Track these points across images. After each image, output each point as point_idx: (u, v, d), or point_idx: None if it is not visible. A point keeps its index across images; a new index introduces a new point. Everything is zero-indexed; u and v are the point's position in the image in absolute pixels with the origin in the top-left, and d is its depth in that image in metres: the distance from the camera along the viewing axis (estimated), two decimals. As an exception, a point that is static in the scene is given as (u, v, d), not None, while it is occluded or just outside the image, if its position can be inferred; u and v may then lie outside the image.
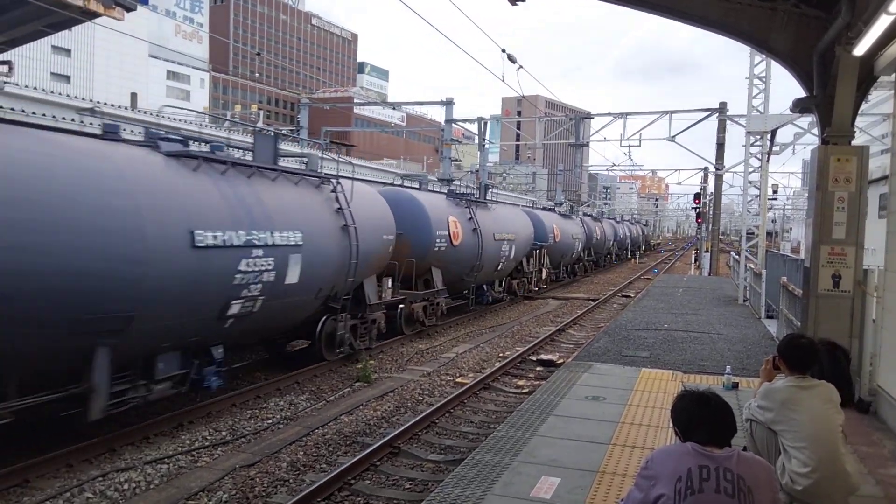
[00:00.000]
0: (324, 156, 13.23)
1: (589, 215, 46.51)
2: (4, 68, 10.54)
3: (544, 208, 35.62)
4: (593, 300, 26.02)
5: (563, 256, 31.83)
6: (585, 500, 5.37)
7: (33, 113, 15.11)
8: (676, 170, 47.51)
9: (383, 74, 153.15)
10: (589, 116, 33.15)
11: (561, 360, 13.94)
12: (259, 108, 68.44)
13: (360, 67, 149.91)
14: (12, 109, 14.66)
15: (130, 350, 8.04)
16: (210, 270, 8.73)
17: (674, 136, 28.88)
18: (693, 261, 46.20)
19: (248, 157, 11.64)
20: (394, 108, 67.56)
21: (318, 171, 12.64)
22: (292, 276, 10.49)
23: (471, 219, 19.12)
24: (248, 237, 9.44)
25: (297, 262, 10.58)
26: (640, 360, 11.45)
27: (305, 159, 13.08)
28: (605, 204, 73.31)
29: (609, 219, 54.07)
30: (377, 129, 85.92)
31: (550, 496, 5.42)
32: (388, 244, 14.25)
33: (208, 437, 8.98)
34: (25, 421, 7.56)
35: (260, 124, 51.19)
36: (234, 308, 9.38)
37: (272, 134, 12.16)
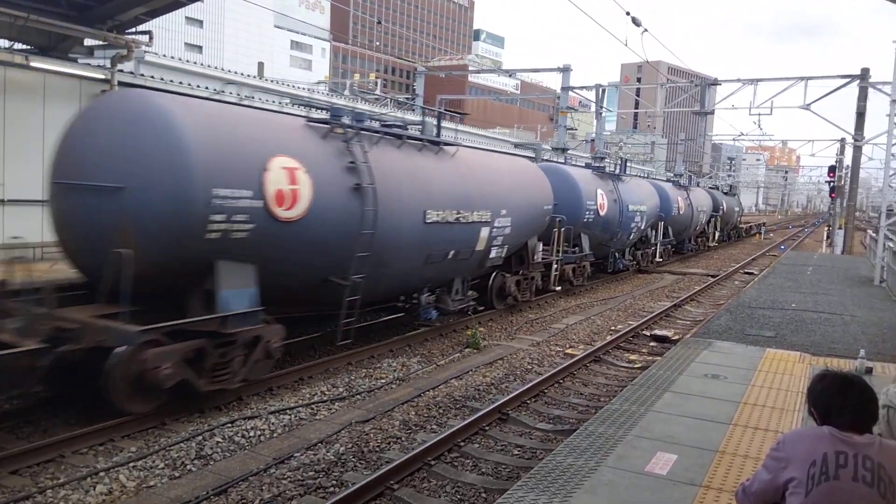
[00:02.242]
0: (442, 125, 13.30)
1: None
2: (145, 38, 11.19)
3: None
4: (712, 276, 24.94)
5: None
6: (703, 480, 5.19)
7: (171, 81, 16.04)
8: (810, 140, 44.48)
9: (499, 41, 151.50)
10: (716, 83, 31.44)
11: (676, 337, 13.49)
12: (377, 77, 69.56)
13: (476, 35, 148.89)
14: (152, 77, 15.63)
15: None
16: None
17: (809, 105, 26.94)
18: (824, 238, 43.27)
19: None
20: (509, 76, 66.82)
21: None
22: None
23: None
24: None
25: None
26: (765, 340, 10.88)
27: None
28: (729, 176, 69.72)
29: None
30: (491, 98, 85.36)
31: (666, 473, 5.28)
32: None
33: (326, 393, 9.37)
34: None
35: (378, 92, 52.09)
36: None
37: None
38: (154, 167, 7.62)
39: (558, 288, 17.86)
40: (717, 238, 39.06)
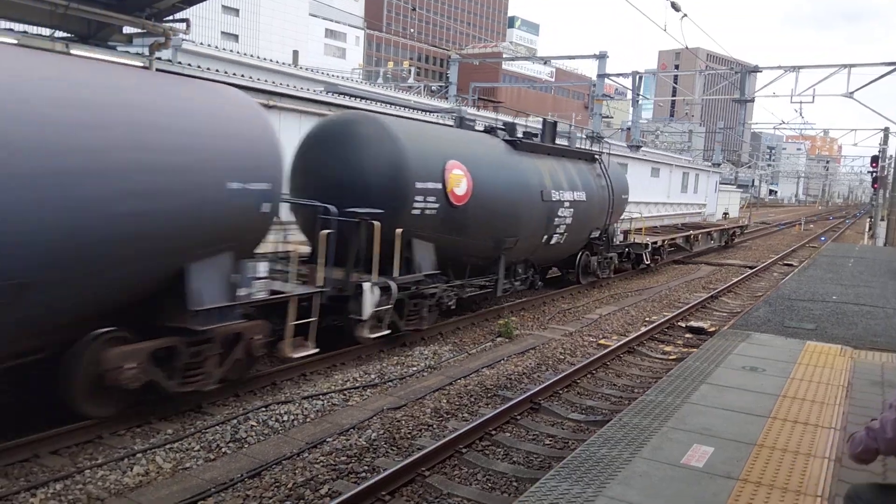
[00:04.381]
0: (476, 114, 13.43)
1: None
2: (182, 26, 11.29)
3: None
4: (750, 267, 24.48)
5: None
6: (741, 473, 5.08)
7: (207, 69, 16.19)
8: (852, 129, 43.33)
9: (533, 28, 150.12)
10: (756, 70, 30.79)
11: (713, 329, 13.27)
12: (410, 65, 69.45)
13: (511, 22, 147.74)
14: (189, 65, 15.78)
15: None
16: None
17: (852, 93, 26.20)
18: (866, 229, 42.16)
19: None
20: (544, 63, 66.24)
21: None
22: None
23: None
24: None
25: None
26: (805, 333, 10.63)
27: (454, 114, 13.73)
28: (769, 165, 68.29)
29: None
30: (525, 85, 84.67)
31: (703, 465, 5.18)
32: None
33: (358, 379, 9.42)
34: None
35: (411, 81, 52.04)
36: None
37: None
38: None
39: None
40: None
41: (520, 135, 14.98)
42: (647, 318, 14.71)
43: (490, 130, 14.39)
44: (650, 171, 34.85)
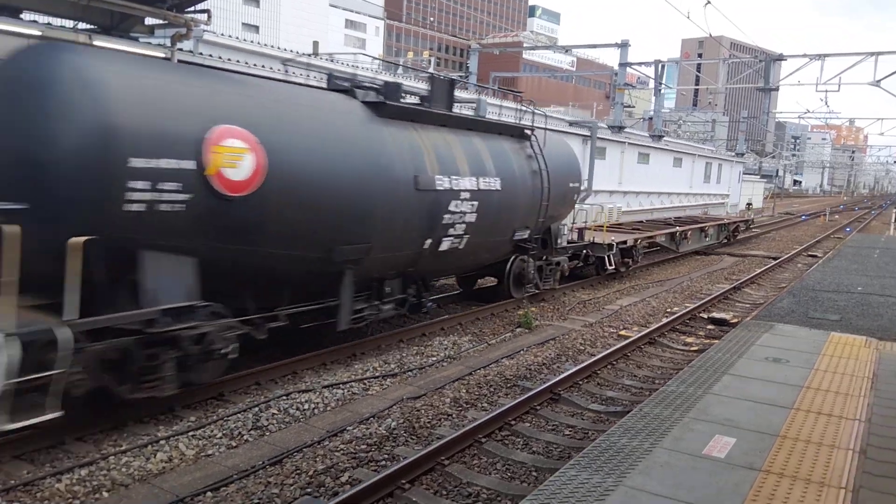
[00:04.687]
0: (492, 102, 13.19)
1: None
2: (204, 17, 11.33)
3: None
4: (774, 258, 24.18)
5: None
6: (763, 464, 5.03)
7: (228, 59, 16.26)
8: (879, 119, 42.62)
9: (554, 17, 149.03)
10: (781, 58, 30.32)
11: (735, 320, 13.14)
12: (430, 55, 69.28)
13: (531, 10, 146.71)
14: (210, 56, 15.86)
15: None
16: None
17: (879, 81, 25.71)
18: (892, 220, 41.44)
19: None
20: (565, 52, 65.76)
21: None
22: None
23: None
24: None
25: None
26: (829, 324, 10.49)
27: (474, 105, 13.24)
28: (793, 155, 67.36)
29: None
30: (545, 75, 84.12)
31: (724, 456, 5.13)
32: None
33: (378, 369, 9.45)
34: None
35: (431, 70, 51.88)
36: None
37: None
38: None
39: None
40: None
41: (413, 100, 11.21)
42: (668, 310, 14.59)
43: (347, 90, 9.88)
44: (672, 161, 34.52)
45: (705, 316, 13.90)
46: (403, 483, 6.05)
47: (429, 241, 10.53)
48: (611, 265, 17.20)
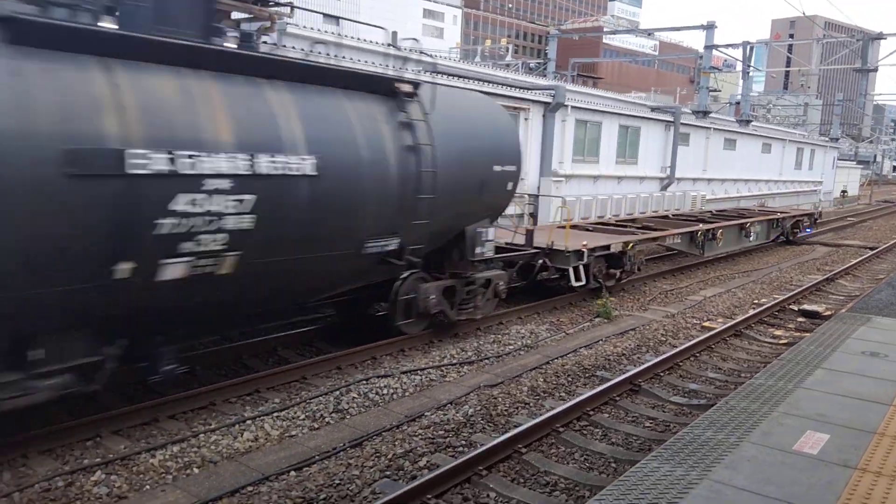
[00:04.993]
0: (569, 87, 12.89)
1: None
2: (287, 10, 11.60)
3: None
4: (871, 248, 22.89)
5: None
6: (859, 462, 4.78)
7: (311, 51, 16.62)
8: None
9: (636, 0, 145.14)
10: (880, 37, 28.58)
11: (828, 312, 12.52)
12: (508, 42, 68.82)
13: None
14: (293, 48, 16.26)
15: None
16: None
17: None
18: None
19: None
20: (648, 36, 64.05)
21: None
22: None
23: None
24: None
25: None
26: (933, 318, 9.86)
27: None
28: (893, 140, 63.52)
29: None
30: (626, 60, 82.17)
31: (817, 452, 4.91)
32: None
33: (455, 356, 9.50)
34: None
35: (508, 58, 51.55)
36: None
37: None
38: None
39: None
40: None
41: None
42: (755, 301, 14.05)
43: None
44: (761, 147, 33.11)
45: (796, 308, 13.30)
46: (481, 469, 6.07)
47: (127, 266, 5.98)
48: (576, 280, 12.46)
